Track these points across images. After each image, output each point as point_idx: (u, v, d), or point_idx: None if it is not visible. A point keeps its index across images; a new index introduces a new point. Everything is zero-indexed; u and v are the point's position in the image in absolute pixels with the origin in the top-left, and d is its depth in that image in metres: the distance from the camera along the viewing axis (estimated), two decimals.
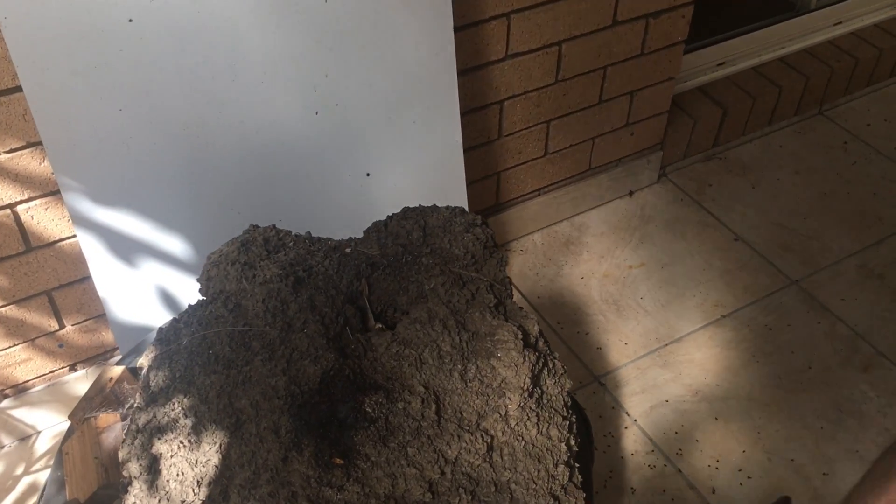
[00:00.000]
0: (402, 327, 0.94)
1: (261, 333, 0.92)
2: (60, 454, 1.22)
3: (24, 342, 1.59)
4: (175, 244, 1.48)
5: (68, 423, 1.73)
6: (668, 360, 1.87)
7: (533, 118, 1.92)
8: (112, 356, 1.72)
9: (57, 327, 1.61)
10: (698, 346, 1.90)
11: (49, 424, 1.71)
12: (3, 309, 1.53)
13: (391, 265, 1.00)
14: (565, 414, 1.02)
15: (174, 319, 1.03)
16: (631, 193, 2.26)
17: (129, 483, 0.93)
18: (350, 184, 1.60)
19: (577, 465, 1.04)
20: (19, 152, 1.37)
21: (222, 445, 0.86)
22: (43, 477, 1.64)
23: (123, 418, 1.22)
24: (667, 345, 1.90)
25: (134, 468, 0.92)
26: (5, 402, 1.64)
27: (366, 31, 1.45)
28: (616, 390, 1.81)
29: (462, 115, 1.77)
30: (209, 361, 0.92)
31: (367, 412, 0.86)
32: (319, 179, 1.56)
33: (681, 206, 2.24)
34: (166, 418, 0.90)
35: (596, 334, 1.92)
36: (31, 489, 1.62)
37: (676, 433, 1.73)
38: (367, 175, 1.61)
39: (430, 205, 1.09)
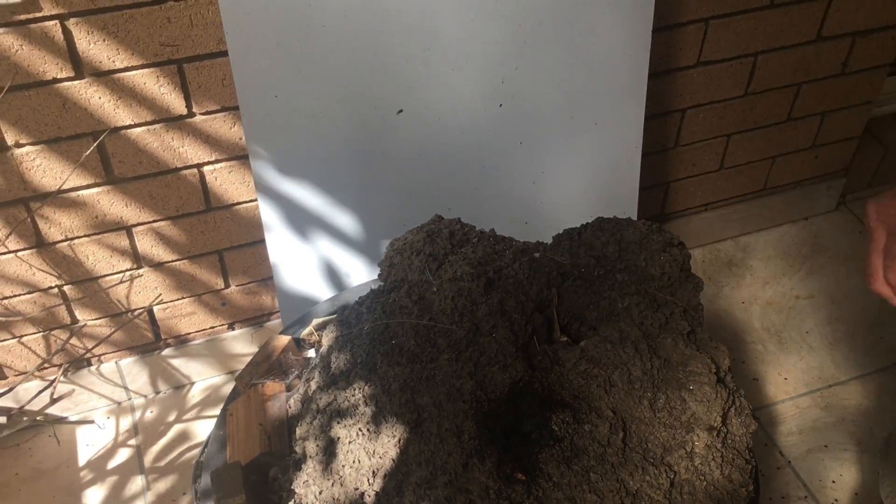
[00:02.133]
0: (592, 345, 0.90)
1: (447, 331, 0.90)
2: (224, 414, 1.25)
3: (191, 296, 1.65)
4: (347, 221, 1.49)
5: (221, 377, 1.79)
6: (830, 403, 1.75)
7: (714, 130, 1.84)
8: (269, 320, 1.76)
9: (223, 286, 1.66)
10: (866, 393, 1.77)
11: (203, 377, 1.78)
12: (178, 263, 1.58)
13: (583, 277, 0.96)
14: (748, 457, 0.96)
15: (357, 302, 1.03)
16: (806, 218, 2.13)
17: (303, 460, 0.93)
18: (523, 179, 1.57)
19: None
20: (213, 115, 1.41)
21: (401, 440, 0.85)
22: (194, 427, 1.70)
23: (288, 389, 1.24)
24: (831, 386, 1.78)
25: (311, 447, 0.92)
26: (166, 351, 1.71)
27: (561, 26, 1.41)
28: (770, 427, 1.71)
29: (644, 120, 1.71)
30: (392, 352, 0.91)
31: (553, 430, 0.83)
32: (494, 172, 1.54)
33: (859, 239, 2.10)
34: (347, 403, 0.90)
35: (753, 364, 1.83)
36: (181, 436, 1.69)
37: (834, 482, 1.62)
38: (542, 172, 1.58)
39: (624, 217, 1.04)
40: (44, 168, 1.37)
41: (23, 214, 1.41)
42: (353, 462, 0.87)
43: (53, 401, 1.52)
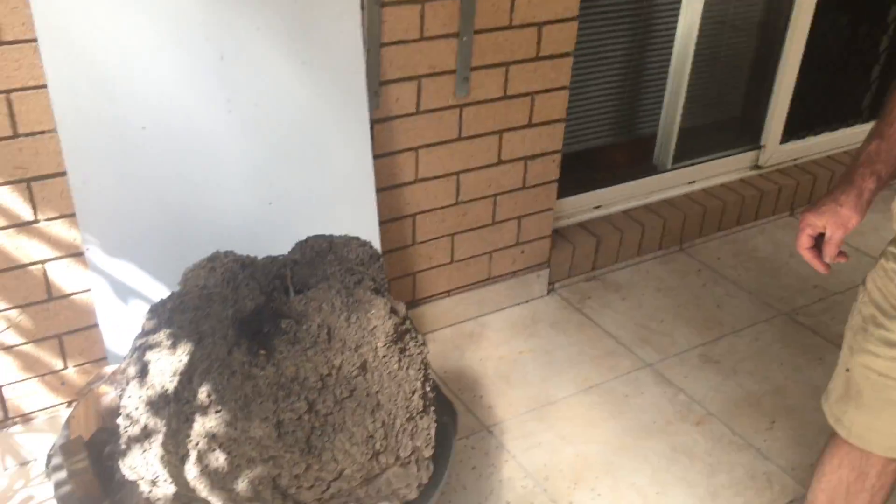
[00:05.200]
0: (310, 292, 1.47)
1: (219, 293, 1.45)
2: (68, 421, 1.68)
3: (35, 377, 2.06)
4: (163, 292, 2.00)
5: None
6: (543, 416, 2.35)
7: (439, 231, 2.52)
8: None
9: (62, 367, 2.08)
10: (569, 407, 2.39)
11: (46, 453, 2.13)
12: (23, 346, 2.01)
13: (307, 262, 1.55)
14: (420, 365, 1.52)
15: (161, 299, 1.55)
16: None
17: (127, 383, 1.41)
18: None
19: (431, 406, 1.53)
20: (54, 221, 1.92)
21: (190, 351, 1.36)
22: (37, 491, 2.05)
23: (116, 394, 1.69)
24: (544, 406, 2.39)
25: (131, 371, 1.41)
26: (14, 428, 2.08)
27: (307, 148, 2.07)
28: (501, 436, 2.28)
29: (383, 222, 2.36)
30: (184, 309, 1.43)
31: (282, 328, 1.37)
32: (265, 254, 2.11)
33: (565, 312, 2.80)
34: (154, 341, 1.40)
35: (488, 397, 2.41)
36: (28, 499, 2.03)
37: (545, 465, 2.19)
38: None
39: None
40: None
41: None
42: (160, 371, 1.35)
43: None
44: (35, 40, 1.74)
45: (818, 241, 1.49)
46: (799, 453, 2.26)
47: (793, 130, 3.41)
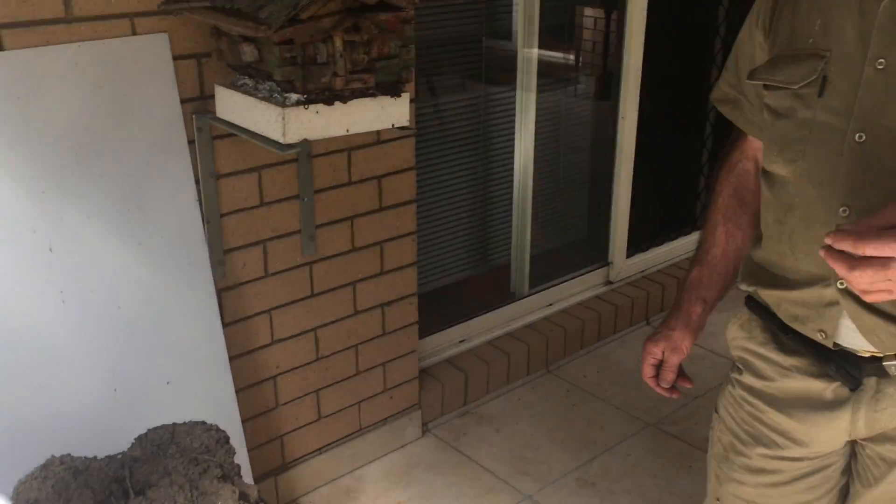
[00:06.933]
0: (151, 492, 1.40)
1: None
2: None
3: None
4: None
5: None
6: None
7: (303, 389, 2.48)
8: None
9: None
10: None
11: None
12: None
13: (147, 457, 1.48)
14: None
15: None
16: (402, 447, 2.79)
17: None
18: None
19: None
20: None
21: None
22: None
23: None
24: None
25: None
26: None
27: (151, 328, 2.03)
28: None
29: (242, 389, 2.31)
30: None
31: None
32: (111, 447, 2.02)
33: (441, 452, 2.78)
34: None
35: None
36: None
37: None
38: None
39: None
40: None
41: None
42: None
43: None
44: None
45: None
46: None
47: (637, 244, 3.61)
